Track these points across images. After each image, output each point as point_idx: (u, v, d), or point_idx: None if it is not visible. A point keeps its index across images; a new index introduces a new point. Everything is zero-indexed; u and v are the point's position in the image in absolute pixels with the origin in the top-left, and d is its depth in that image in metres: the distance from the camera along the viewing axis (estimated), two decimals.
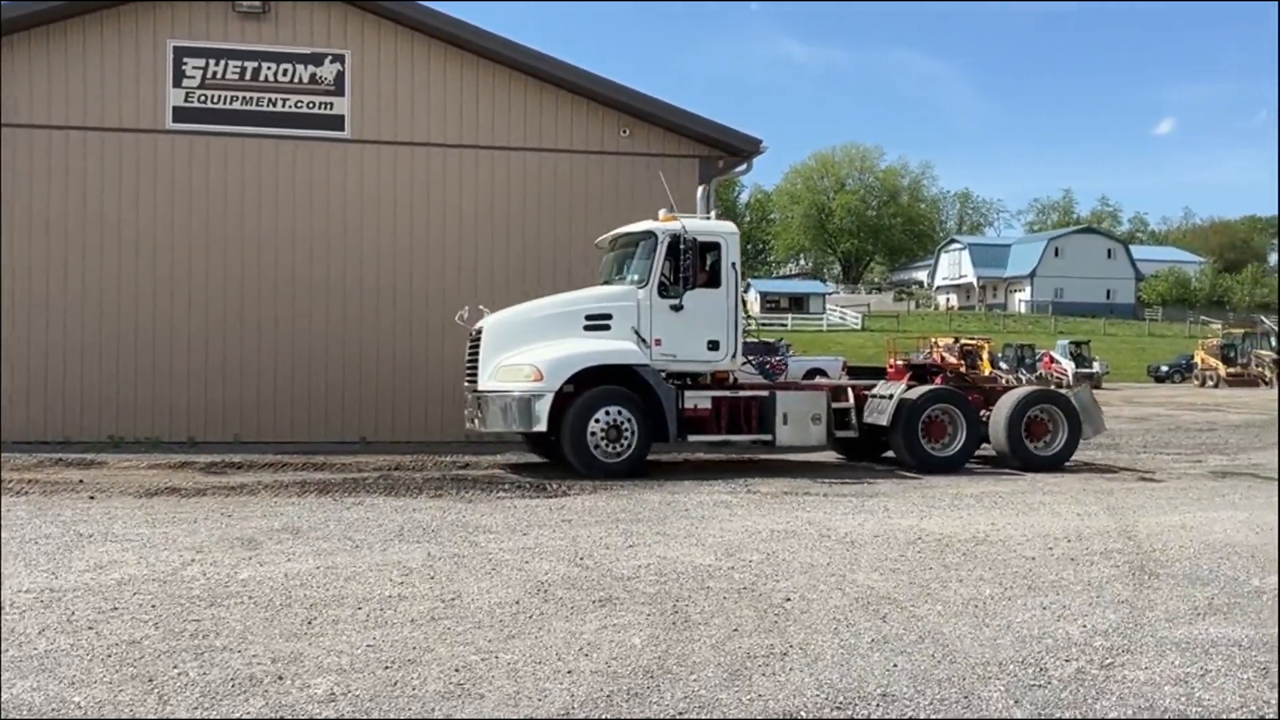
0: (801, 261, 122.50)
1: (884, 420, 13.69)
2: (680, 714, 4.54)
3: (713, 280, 13.36)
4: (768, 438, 13.44)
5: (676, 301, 13.07)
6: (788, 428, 13.40)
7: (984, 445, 14.34)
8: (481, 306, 13.67)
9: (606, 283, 13.92)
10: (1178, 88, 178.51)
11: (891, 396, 13.75)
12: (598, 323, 13.05)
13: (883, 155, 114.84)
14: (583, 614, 6.11)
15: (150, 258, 15.97)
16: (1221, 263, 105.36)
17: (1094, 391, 15.00)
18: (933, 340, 53.55)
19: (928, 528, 9.18)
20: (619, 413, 12.61)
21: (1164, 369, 58.08)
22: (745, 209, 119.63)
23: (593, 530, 8.89)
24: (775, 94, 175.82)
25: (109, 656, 5.21)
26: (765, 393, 13.53)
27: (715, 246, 13.43)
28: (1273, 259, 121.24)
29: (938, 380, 14.91)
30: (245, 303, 16.20)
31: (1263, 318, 69.29)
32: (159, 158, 16.01)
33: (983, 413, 14.28)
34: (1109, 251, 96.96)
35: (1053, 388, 15.00)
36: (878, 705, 4.67)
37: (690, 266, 13.06)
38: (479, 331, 13.26)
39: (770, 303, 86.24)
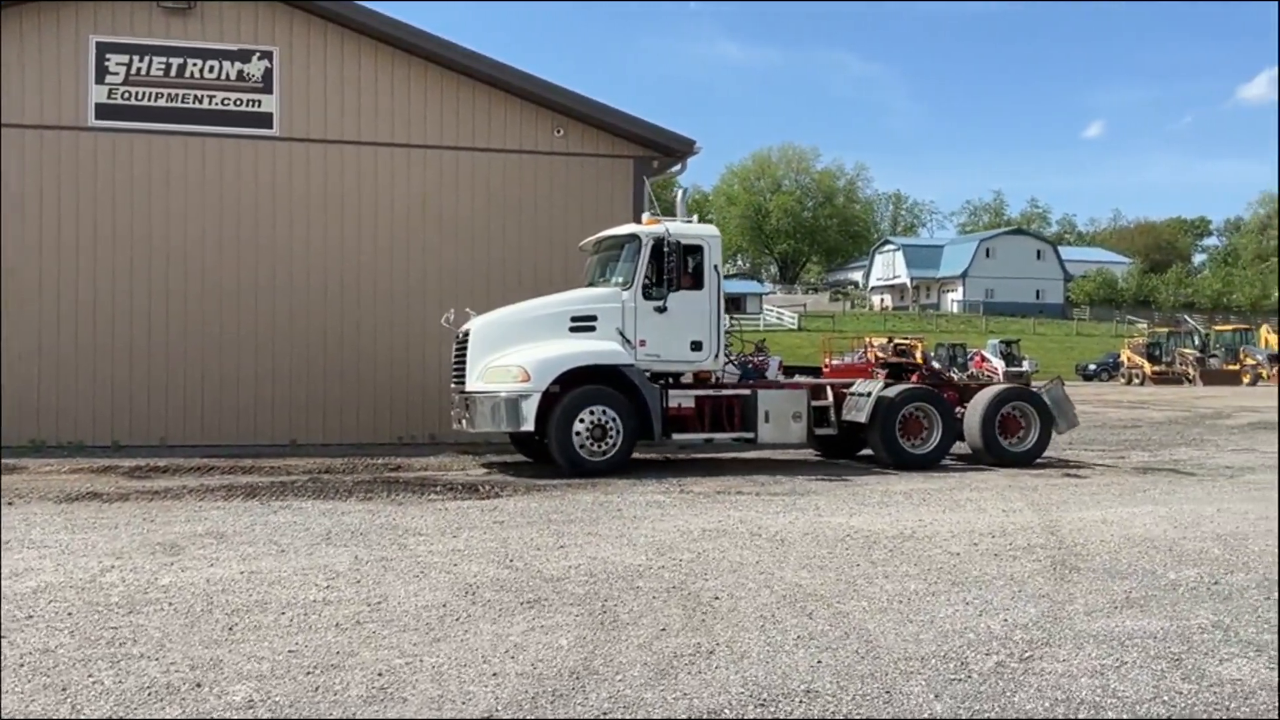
0: (739, 262, 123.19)
1: (862, 418, 13.88)
2: (605, 714, 4.53)
3: (695, 282, 13.59)
4: (750, 436, 13.72)
5: (660, 303, 13.31)
6: (769, 425, 13.66)
7: (960, 442, 14.61)
8: (468, 309, 13.78)
9: (591, 285, 14.09)
10: (1107, 92, 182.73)
11: (870, 394, 13.93)
12: (583, 324, 13.27)
13: (819, 157, 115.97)
14: (510, 616, 6.08)
15: (72, 258, 15.61)
16: (1147, 263, 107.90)
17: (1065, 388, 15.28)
18: (867, 340, 54.34)
19: (857, 525, 9.28)
20: (604, 412, 12.83)
21: (1092, 367, 59.34)
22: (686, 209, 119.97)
23: (524, 531, 8.85)
24: (713, 94, 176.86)
25: (21, 666, 5.08)
26: (747, 391, 13.77)
27: (698, 249, 13.68)
28: (1197, 259, 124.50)
29: (914, 378, 15.14)
30: (171, 304, 15.90)
31: (1186, 317, 71.10)
32: (81, 156, 15.66)
33: (958, 410, 14.50)
34: (1038, 252, 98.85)
35: (1026, 386, 15.26)
36: (801, 702, 4.71)
37: (674, 269, 13.29)
38: (466, 333, 13.38)
39: None
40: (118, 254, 15.74)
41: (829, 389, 14.42)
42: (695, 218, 14.62)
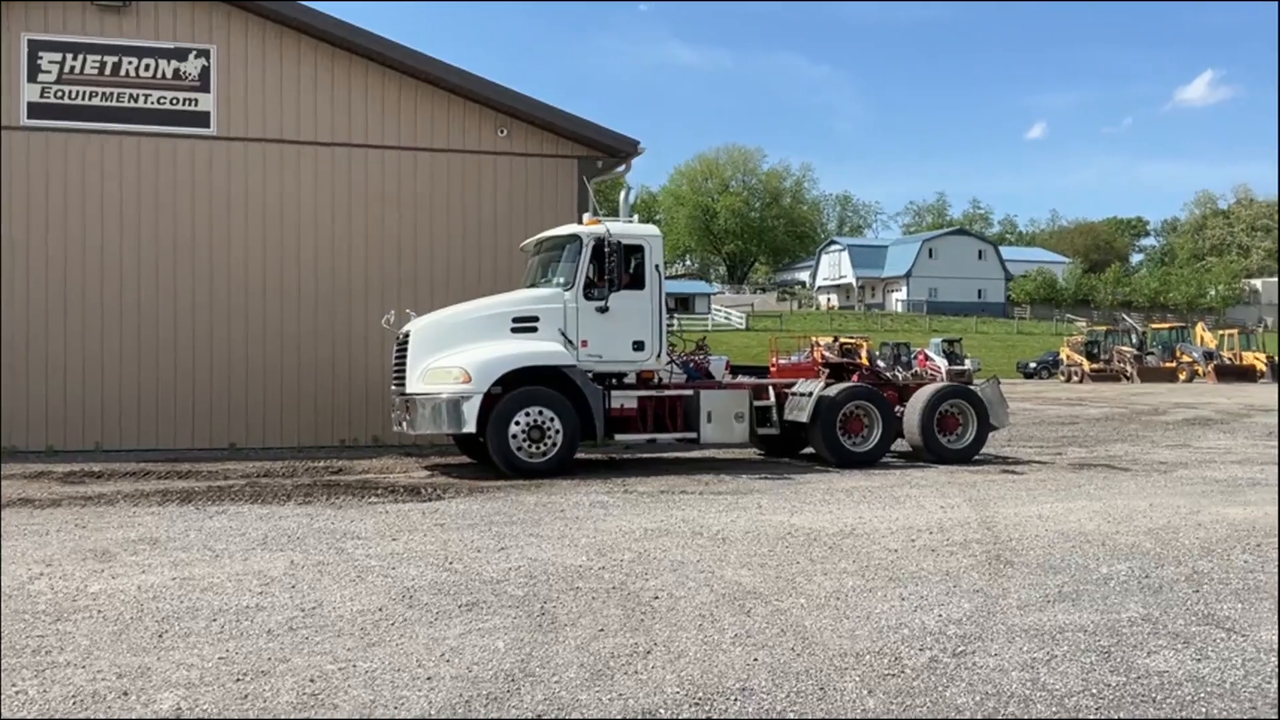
0: (688, 262, 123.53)
1: (803, 417, 13.96)
2: (539, 716, 4.51)
3: (637, 282, 13.58)
4: (692, 435, 13.74)
5: (602, 303, 13.26)
6: (712, 425, 13.68)
7: (901, 440, 14.79)
8: (409, 310, 13.66)
9: (532, 286, 14.01)
10: (1050, 94, 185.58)
11: (811, 394, 14.02)
12: (525, 325, 13.21)
13: (764, 157, 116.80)
14: (448, 619, 6.04)
15: (8, 259, 15.25)
16: (1086, 263, 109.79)
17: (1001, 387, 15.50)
18: (814, 339, 54.69)
19: (798, 523, 9.33)
20: (541, 413, 12.76)
21: (1032, 365, 60.29)
22: (631, 210, 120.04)
23: (465, 534, 8.80)
24: (662, 96, 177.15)
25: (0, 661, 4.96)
26: (690, 392, 13.80)
27: (639, 249, 13.67)
28: (1134, 259, 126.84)
29: (855, 378, 15.33)
30: (106, 306, 15.60)
31: (1124, 315, 72.42)
32: (13, 155, 15.31)
33: (898, 408, 14.67)
34: (980, 252, 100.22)
35: (964, 384, 15.48)
36: (735, 700, 4.72)
37: (614, 269, 13.25)
38: (406, 335, 13.26)
39: None
40: (50, 256, 15.42)
41: (771, 389, 14.49)
42: (636, 218, 14.62)
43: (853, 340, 53.69)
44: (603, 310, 13.29)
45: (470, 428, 12.66)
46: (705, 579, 7.05)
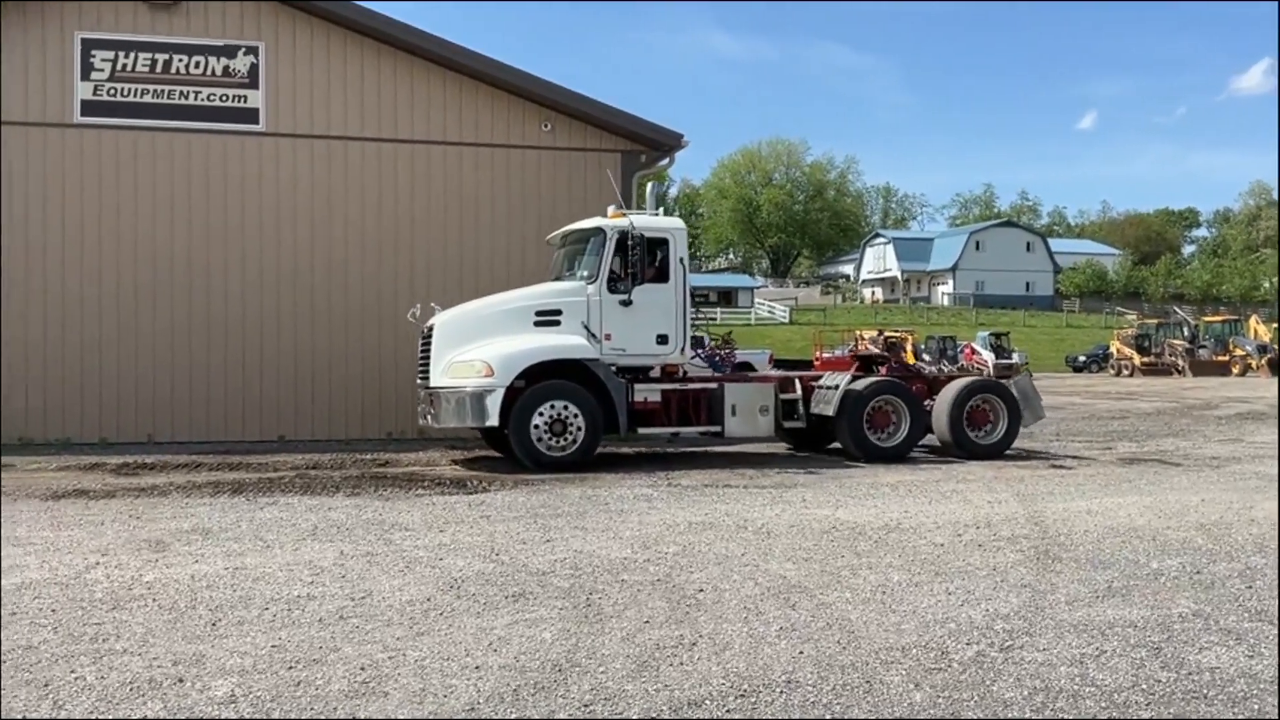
0: (730, 256, 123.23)
1: (829, 410, 13.86)
2: (586, 706, 4.55)
3: (661, 275, 13.52)
4: (717, 429, 13.65)
5: (625, 297, 13.22)
6: (736, 419, 13.59)
7: (931, 435, 14.61)
8: (433, 304, 13.69)
9: (557, 279, 13.99)
10: (1102, 83, 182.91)
11: (837, 387, 13.90)
12: (548, 318, 13.19)
13: (808, 150, 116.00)
14: (495, 609, 6.10)
15: (58, 255, 15.57)
16: (1137, 255, 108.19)
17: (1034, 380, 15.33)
18: (858, 333, 54.41)
19: (842, 517, 9.31)
20: (565, 408, 12.76)
21: (1081, 359, 59.53)
22: (674, 203, 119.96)
23: (510, 526, 8.87)
24: (705, 88, 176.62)
25: (3, 662, 5.08)
26: (714, 385, 13.72)
27: (663, 242, 13.59)
28: (1186, 250, 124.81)
29: (883, 371, 15.13)
30: (158, 300, 15.87)
31: (1176, 308, 71.33)
32: (66, 152, 15.61)
33: (927, 402, 14.51)
34: (1028, 245, 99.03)
35: (992, 378, 15.26)
36: (781, 692, 4.73)
37: (638, 262, 13.21)
38: (430, 329, 13.31)
39: (699, 297, 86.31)
40: (104, 250, 15.71)
41: (797, 382, 14.37)
42: (662, 210, 14.50)
43: (898, 334, 53.50)
44: (626, 303, 13.23)
45: (493, 421, 12.66)
46: (750, 572, 7.06)
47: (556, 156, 17.21)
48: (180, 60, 15.86)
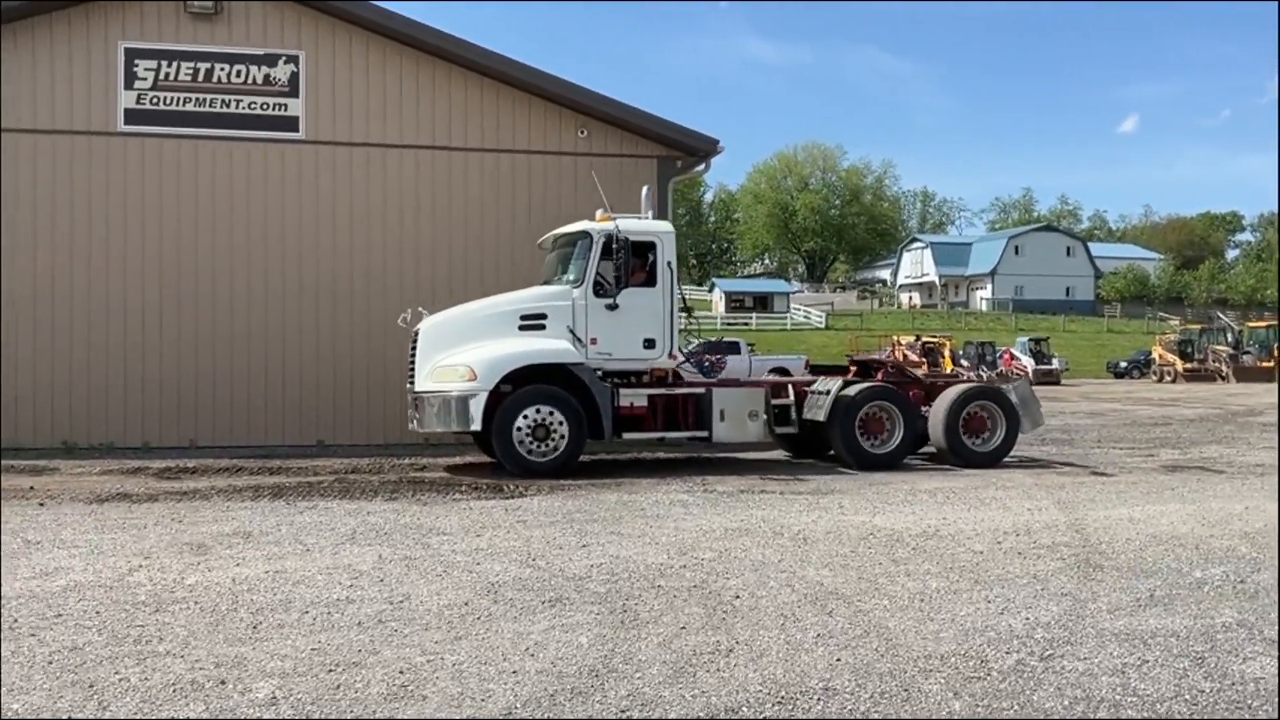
0: (766, 261, 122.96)
1: (821, 416, 13.70)
2: (623, 712, 4.56)
3: (649, 279, 13.45)
4: (704, 434, 13.53)
5: (611, 300, 13.15)
6: (724, 424, 13.47)
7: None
8: (420, 309, 13.69)
9: (546, 283, 13.95)
10: (1144, 85, 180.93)
11: (829, 393, 13.77)
12: (533, 322, 13.16)
13: (844, 155, 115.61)
14: (532, 614, 6.12)
15: (102, 262, 15.80)
16: (1179, 259, 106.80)
17: (1033, 386, 15.10)
18: (895, 338, 54.11)
19: (880, 524, 9.26)
20: (550, 413, 12.72)
21: (1123, 365, 58.78)
22: (710, 209, 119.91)
23: (547, 531, 8.89)
24: (740, 93, 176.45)
25: (50, 663, 5.16)
26: (701, 390, 13.59)
27: (651, 246, 13.51)
28: (1230, 255, 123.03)
29: (879, 376, 14.97)
30: (200, 307, 16.06)
31: (1219, 313, 70.31)
32: (110, 160, 15.85)
33: (924, 409, 14.35)
34: (1068, 249, 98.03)
35: (990, 383, 15.00)
36: (819, 700, 4.71)
37: (622, 266, 13.13)
38: (418, 333, 13.35)
39: (735, 302, 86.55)
40: (146, 257, 15.92)
41: (790, 387, 14.26)
42: (650, 215, 14.35)
43: (935, 339, 53.16)
44: (612, 307, 13.15)
45: (476, 425, 12.64)
46: (786, 579, 7.04)
47: (593, 163, 17.20)
48: (222, 69, 16.06)
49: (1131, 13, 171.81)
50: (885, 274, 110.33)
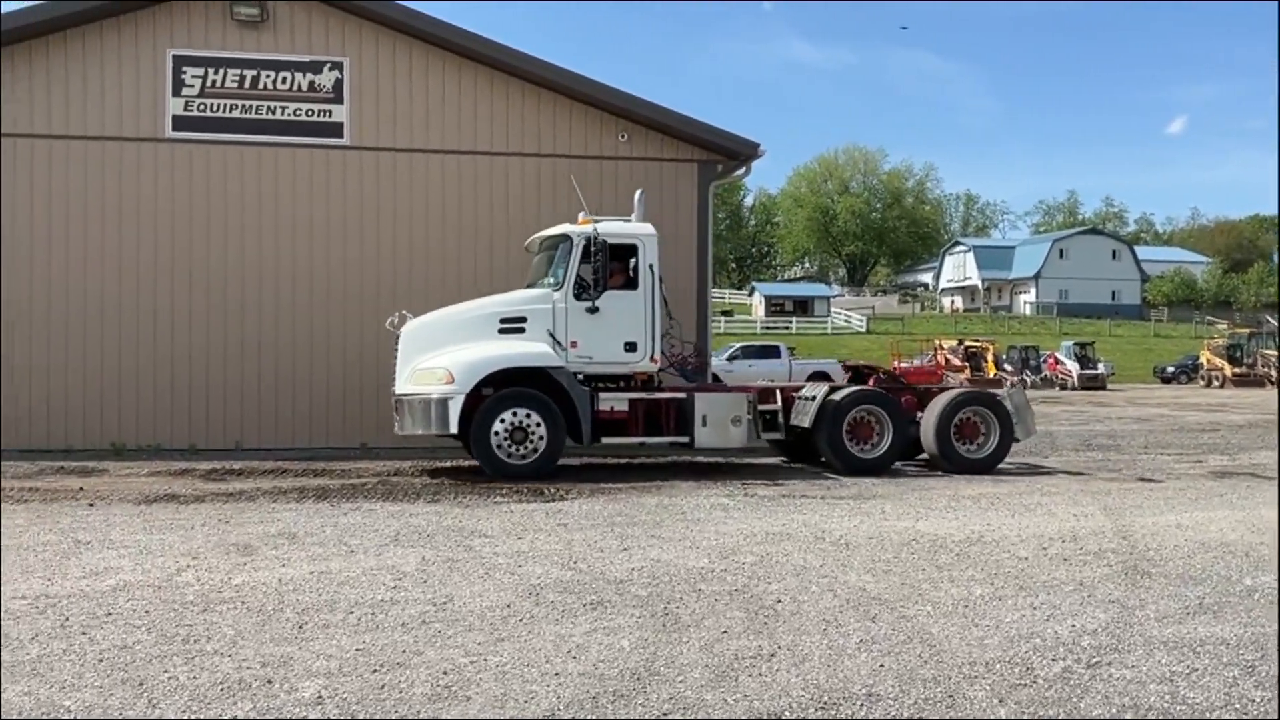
0: (806, 264, 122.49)
1: (806, 422, 13.60)
2: (665, 715, 4.56)
3: (630, 282, 13.42)
4: (685, 439, 13.46)
5: (592, 304, 13.12)
6: (707, 429, 13.38)
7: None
8: (405, 312, 13.76)
9: (531, 286, 13.92)
10: (1192, 86, 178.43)
11: (814, 398, 13.66)
12: (513, 326, 13.16)
13: (886, 157, 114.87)
14: (573, 617, 6.14)
15: (150, 267, 16.04)
16: (1227, 263, 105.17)
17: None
18: (937, 342, 53.74)
19: (923, 529, 9.19)
20: (527, 416, 12.71)
21: (1170, 370, 57.98)
22: (749, 212, 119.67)
23: (588, 534, 8.92)
24: (780, 95, 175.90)
25: (101, 661, 5.25)
26: (683, 394, 13.51)
27: (632, 249, 13.47)
28: (1275, 258, 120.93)
29: (871, 382, 14.84)
30: (245, 310, 16.26)
31: (1269, 317, 69.18)
32: (159, 166, 16.09)
33: (919, 415, 14.18)
34: (1114, 252, 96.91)
35: (984, 389, 14.78)
36: (862, 705, 4.69)
37: (599, 269, 13.09)
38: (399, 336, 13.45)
39: (775, 306, 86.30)
40: (194, 261, 16.14)
41: (778, 392, 14.15)
42: (633, 217, 14.29)
43: (978, 343, 52.73)
44: (593, 311, 13.11)
45: (453, 428, 12.65)
46: (828, 584, 7.01)
47: (633, 167, 17.26)
48: (267, 76, 16.26)
49: (1180, 12, 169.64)
50: (927, 277, 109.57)
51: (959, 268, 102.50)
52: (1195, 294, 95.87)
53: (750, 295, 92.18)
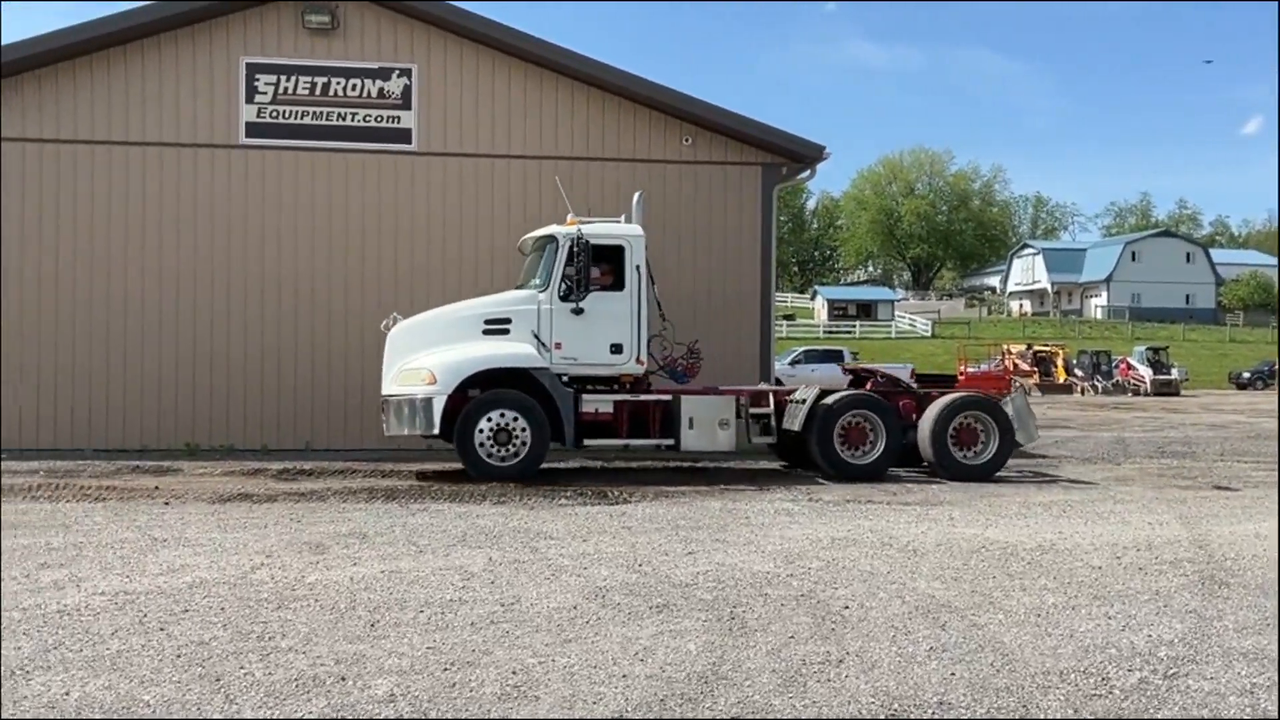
0: (870, 268, 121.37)
1: (795, 426, 13.43)
2: (734, 718, 4.55)
3: (616, 284, 13.36)
4: (670, 442, 13.38)
5: (576, 305, 13.10)
6: (693, 432, 13.29)
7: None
8: (396, 314, 13.83)
9: (520, 287, 13.92)
10: (1267, 86, 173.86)
11: (805, 402, 13.47)
12: (497, 327, 13.20)
13: (952, 159, 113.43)
14: (639, 619, 6.15)
15: (224, 271, 16.37)
16: None
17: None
18: (1005, 347, 52.95)
19: (992, 536, 9.07)
20: (514, 418, 12.72)
21: (1246, 375, 56.50)
22: (812, 215, 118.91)
23: (652, 537, 8.93)
24: (844, 97, 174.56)
25: (179, 657, 5.36)
26: (669, 396, 13.43)
27: (618, 250, 13.42)
28: (1276, 259, 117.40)
29: (868, 386, 14.61)
30: (316, 314, 16.52)
31: None
32: (233, 172, 16.43)
33: (916, 419, 13.93)
34: (1188, 255, 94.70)
35: (984, 394, 14.43)
36: (933, 713, 4.64)
37: (582, 270, 13.05)
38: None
39: (838, 310, 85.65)
40: (266, 265, 16.45)
41: (771, 396, 13.95)
42: (623, 218, 14.14)
43: (1048, 348, 51.87)
44: (578, 312, 13.08)
45: (435, 429, 12.68)
46: (897, 590, 6.95)
47: (698, 170, 17.28)
48: (338, 83, 16.52)
49: (1254, 11, 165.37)
50: (994, 281, 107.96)
51: (1027, 271, 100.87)
52: (1272, 298, 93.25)
53: (812, 299, 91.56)
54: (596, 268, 13.28)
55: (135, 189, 16.24)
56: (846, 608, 6.46)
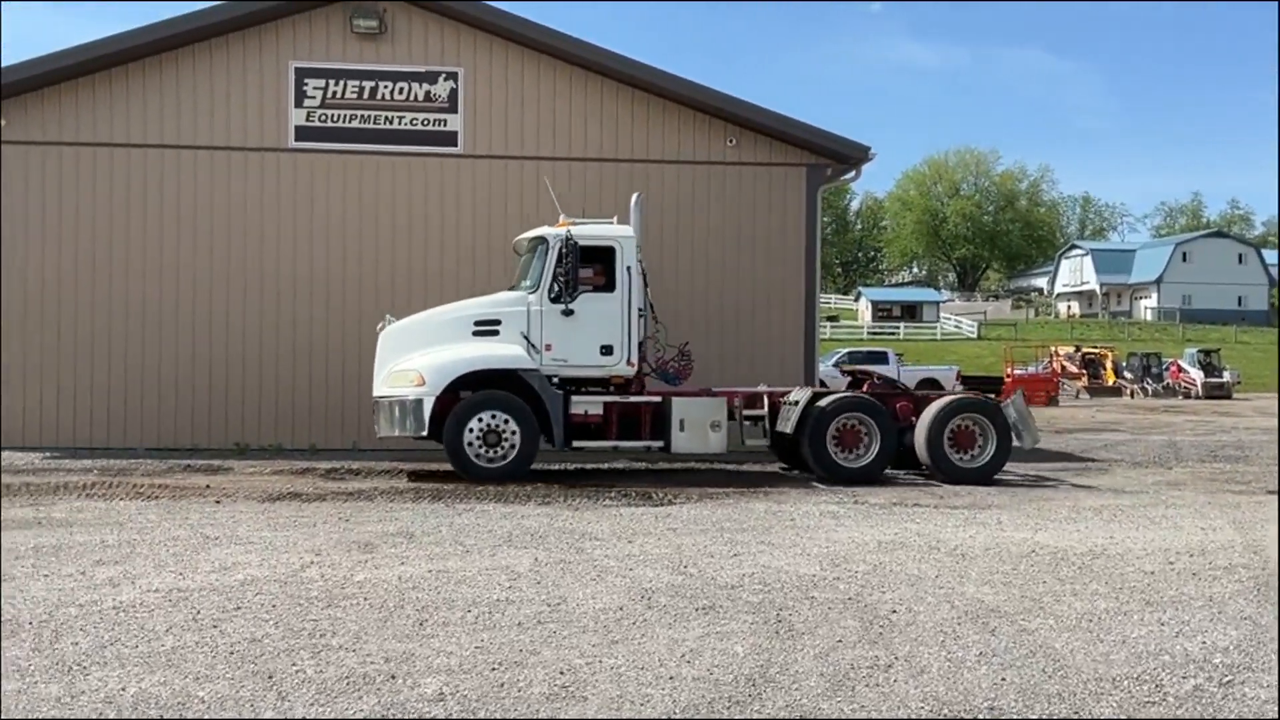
0: (915, 269, 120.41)
1: (788, 428, 13.29)
2: None
3: (607, 285, 13.32)
4: (660, 444, 13.32)
5: (566, 306, 13.07)
6: (684, 434, 13.22)
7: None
8: (388, 316, 13.89)
9: (512, 288, 13.90)
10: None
11: (798, 404, 13.34)
12: (487, 328, 13.20)
13: (998, 159, 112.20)
14: (686, 621, 6.15)
15: (273, 272, 16.58)
16: None
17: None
18: (1053, 349, 52.33)
19: (1042, 540, 8.97)
20: (505, 420, 12.73)
21: None
22: (855, 216, 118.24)
23: (697, 539, 8.92)
24: (889, 97, 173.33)
25: (231, 654, 5.44)
26: (659, 398, 13.37)
27: (609, 251, 13.38)
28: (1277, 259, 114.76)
29: (865, 388, 14.46)
30: (364, 315, 16.62)
31: None
32: (282, 175, 16.64)
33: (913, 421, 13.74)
34: (1240, 256, 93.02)
35: (981, 396, 14.18)
36: (985, 719, 4.60)
37: (571, 271, 13.02)
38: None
39: (882, 311, 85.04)
40: (314, 266, 16.65)
41: (765, 398, 13.80)
42: (615, 218, 14.07)
43: (1096, 350, 51.18)
44: (568, 314, 13.05)
45: (424, 430, 12.71)
46: (945, 595, 6.90)
47: (741, 171, 17.25)
48: (385, 87, 16.68)
49: None
50: (1041, 282, 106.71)
51: (1075, 272, 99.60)
52: None
53: (856, 300, 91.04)
54: (588, 269, 13.30)
55: (186, 193, 16.49)
56: (894, 612, 6.42)
